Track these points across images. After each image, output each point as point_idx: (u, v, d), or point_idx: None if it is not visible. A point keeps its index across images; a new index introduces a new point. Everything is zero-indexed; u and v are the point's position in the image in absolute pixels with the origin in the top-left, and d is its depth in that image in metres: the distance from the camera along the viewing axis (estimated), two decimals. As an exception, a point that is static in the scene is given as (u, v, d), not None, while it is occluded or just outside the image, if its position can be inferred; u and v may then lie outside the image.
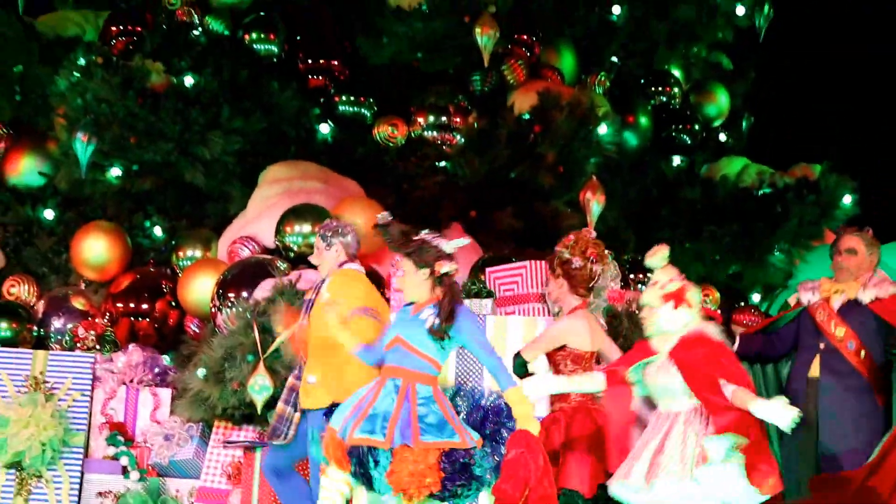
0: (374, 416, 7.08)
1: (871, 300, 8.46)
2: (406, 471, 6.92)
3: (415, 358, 7.23)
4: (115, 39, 14.76)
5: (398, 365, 7.23)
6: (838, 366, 8.44)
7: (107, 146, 13.17)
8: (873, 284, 8.54)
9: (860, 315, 8.48)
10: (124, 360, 10.95)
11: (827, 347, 8.47)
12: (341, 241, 8.54)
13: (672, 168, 16.07)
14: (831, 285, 8.69)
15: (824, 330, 8.49)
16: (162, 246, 13.59)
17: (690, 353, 7.42)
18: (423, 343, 7.23)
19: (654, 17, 16.35)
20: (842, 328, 8.45)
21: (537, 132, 14.01)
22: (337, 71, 14.93)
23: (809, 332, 8.61)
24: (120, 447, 10.44)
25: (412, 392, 7.16)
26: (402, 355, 7.23)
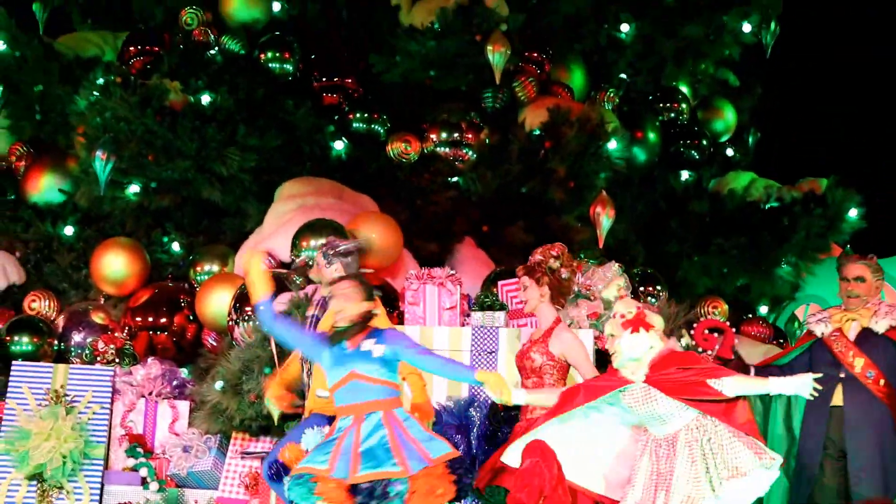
0: (370, 451, 7.01)
1: (886, 329, 8.48)
2: (423, 489, 6.88)
3: (379, 388, 7.18)
4: (133, 59, 14.78)
5: (365, 400, 7.16)
6: (859, 394, 8.47)
7: (125, 164, 13.19)
8: (885, 313, 8.57)
9: (877, 345, 8.53)
10: (143, 374, 10.94)
11: (847, 377, 8.48)
12: (342, 262, 8.46)
13: (680, 182, 16.02)
14: (842, 314, 8.71)
15: (843, 360, 8.51)
16: (180, 261, 13.57)
17: (667, 372, 7.38)
18: (380, 371, 7.19)
19: (661, 35, 16.33)
20: (860, 359, 8.49)
21: (548, 148, 14.00)
22: (351, 89, 14.94)
23: (827, 363, 8.56)
24: (139, 459, 10.43)
25: (394, 419, 7.12)
26: (364, 390, 7.17)
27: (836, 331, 8.63)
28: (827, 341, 8.65)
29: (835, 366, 8.52)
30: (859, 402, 8.47)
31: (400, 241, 12.49)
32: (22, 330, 12.19)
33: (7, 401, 10.47)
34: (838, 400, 8.49)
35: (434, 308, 10.44)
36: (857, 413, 8.47)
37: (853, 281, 8.68)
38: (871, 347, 8.51)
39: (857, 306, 8.64)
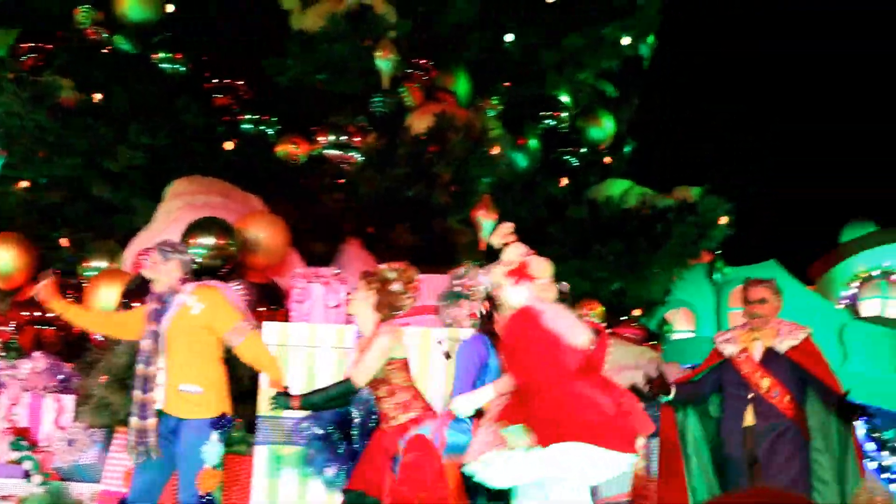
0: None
1: (787, 349, 8.70)
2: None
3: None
4: (25, 56, 14.49)
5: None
6: (768, 412, 8.66)
7: (16, 159, 12.92)
8: (787, 332, 8.81)
9: (780, 365, 8.73)
10: (29, 367, 10.70)
11: (756, 397, 8.69)
12: (179, 259, 8.26)
13: (560, 189, 16.10)
14: (747, 334, 8.92)
15: (751, 381, 8.73)
16: (69, 256, 13.31)
17: (507, 333, 7.36)
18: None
19: (543, 46, 16.39)
20: (766, 379, 8.74)
21: (433, 152, 13.96)
22: (241, 90, 14.79)
23: (736, 384, 8.80)
24: (23, 452, 10.17)
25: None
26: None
27: (743, 351, 8.85)
28: (735, 362, 8.88)
29: (743, 386, 8.74)
30: (768, 419, 8.69)
31: (287, 240, 12.37)
32: None
33: None
34: (749, 420, 8.71)
35: (320, 306, 10.34)
36: (768, 431, 8.67)
37: (756, 303, 8.89)
38: (776, 367, 8.77)
39: (761, 326, 8.84)
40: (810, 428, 8.70)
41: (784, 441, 8.62)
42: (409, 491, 7.11)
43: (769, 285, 8.90)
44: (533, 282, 7.36)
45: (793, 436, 8.62)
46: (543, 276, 7.41)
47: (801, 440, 8.64)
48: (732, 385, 8.78)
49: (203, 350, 7.83)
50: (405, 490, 7.12)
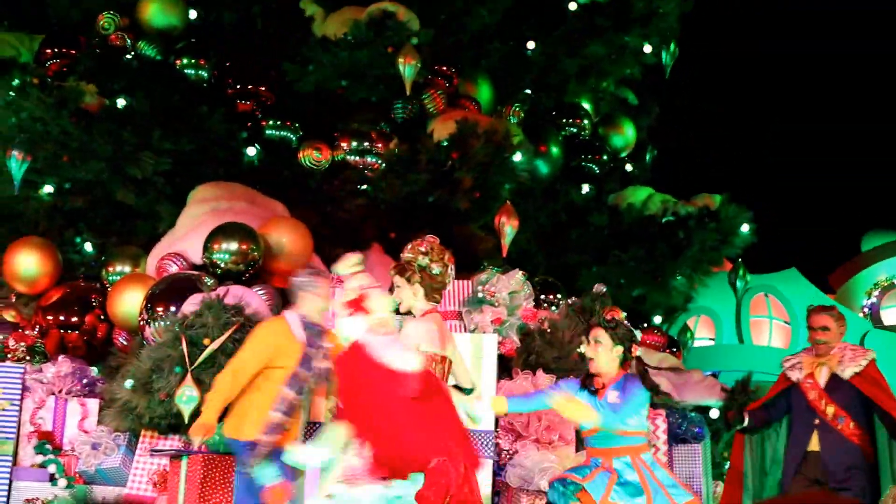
0: (624, 483, 7.29)
1: (851, 375, 8.95)
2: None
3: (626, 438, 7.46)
4: (49, 61, 14.57)
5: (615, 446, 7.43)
6: (833, 438, 9.02)
7: (40, 164, 12.97)
8: (849, 360, 9.15)
9: (845, 391, 9.07)
10: (53, 371, 10.74)
11: (821, 423, 9.05)
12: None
13: (581, 195, 16.11)
14: (812, 360, 9.29)
15: (817, 408, 9.02)
16: (92, 261, 13.36)
17: (340, 371, 7.49)
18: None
19: (565, 54, 16.40)
20: (831, 407, 9.15)
21: (455, 158, 13.97)
22: (264, 96, 14.83)
23: (804, 409, 9.16)
24: (48, 455, 10.22)
25: (642, 462, 7.38)
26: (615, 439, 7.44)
27: (809, 376, 9.15)
28: (802, 387, 9.18)
29: (809, 412, 9.03)
30: (832, 443, 9.03)
31: (310, 246, 12.39)
32: (-68, 326, 11.93)
33: (-84, 396, 10.23)
34: (814, 445, 9.03)
35: (343, 311, 10.35)
36: (834, 456, 8.98)
37: (819, 330, 9.22)
38: (841, 394, 9.09)
39: (825, 352, 9.18)
40: (876, 451, 8.97)
41: (847, 463, 8.97)
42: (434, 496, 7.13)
43: (831, 312, 9.27)
44: (368, 315, 7.33)
45: (857, 458, 8.97)
46: (380, 311, 7.37)
47: (863, 459, 8.99)
48: (800, 410, 9.16)
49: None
50: (430, 495, 7.13)
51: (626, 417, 7.39)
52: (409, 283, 7.81)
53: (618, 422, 7.38)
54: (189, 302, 10.41)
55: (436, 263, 7.83)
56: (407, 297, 7.82)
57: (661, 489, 7.27)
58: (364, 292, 7.43)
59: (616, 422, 7.39)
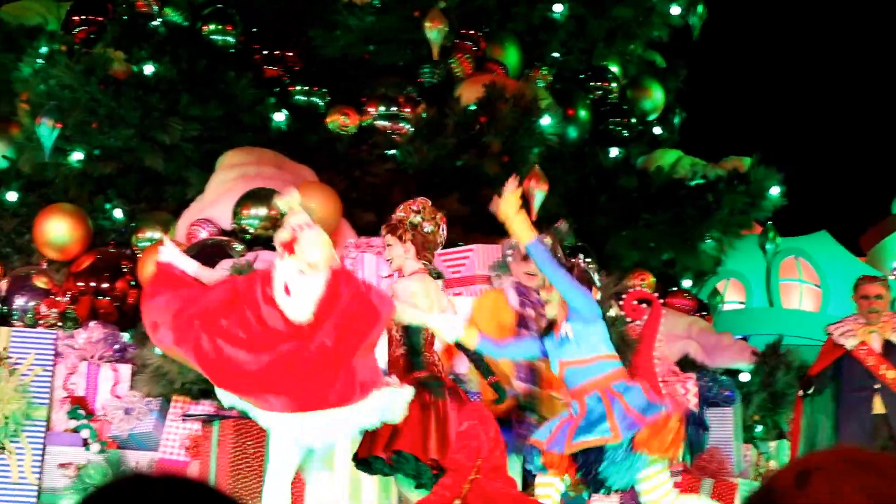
0: (587, 422, 7.04)
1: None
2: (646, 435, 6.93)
3: (592, 366, 7.16)
4: (77, 29, 14.59)
5: (580, 383, 7.15)
6: (894, 400, 9.38)
7: (69, 131, 13.00)
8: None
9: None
10: (85, 337, 10.80)
11: (883, 388, 9.41)
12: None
13: (609, 159, 16.06)
14: (863, 327, 9.63)
15: (875, 373, 9.39)
16: (122, 227, 13.41)
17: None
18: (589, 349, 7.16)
19: (592, 16, 16.34)
20: (892, 371, 9.43)
21: (483, 123, 13.96)
22: (291, 62, 14.83)
23: (861, 375, 9.51)
24: (81, 420, 10.28)
25: (611, 392, 7.08)
26: (582, 372, 7.14)
27: (863, 344, 9.47)
28: (856, 354, 9.54)
29: (868, 377, 9.29)
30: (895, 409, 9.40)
31: (339, 210, 12.42)
32: (-35, 293, 12.00)
33: (-51, 362, 10.29)
34: (879, 408, 9.39)
35: (372, 276, 10.40)
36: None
37: (874, 299, 9.58)
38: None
39: (877, 320, 9.52)
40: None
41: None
42: (466, 458, 7.15)
43: (883, 282, 9.76)
44: (295, 256, 7.11)
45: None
46: (313, 255, 7.12)
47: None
48: (852, 377, 9.49)
49: None
50: (461, 458, 7.15)
51: (580, 341, 7.17)
52: (400, 241, 7.74)
53: (573, 349, 7.16)
54: (219, 267, 10.45)
55: (428, 222, 7.78)
56: (398, 254, 7.76)
57: (628, 411, 7.03)
58: (299, 234, 7.19)
59: (570, 352, 7.17)
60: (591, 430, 6.97)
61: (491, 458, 7.17)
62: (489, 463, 7.15)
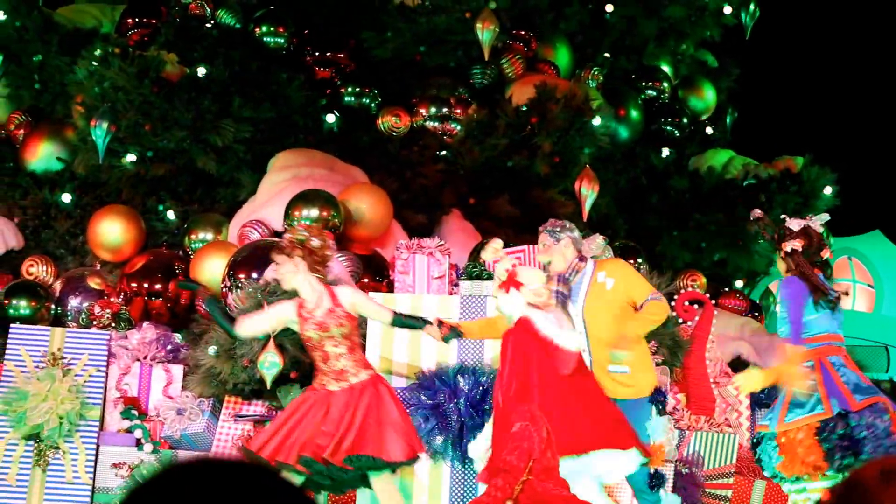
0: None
1: None
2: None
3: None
4: (130, 31, 14.68)
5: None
6: None
7: (123, 133, 13.05)
8: None
9: None
10: (138, 338, 10.81)
11: None
12: (570, 236, 8.25)
13: (661, 159, 15.96)
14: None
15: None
16: (175, 229, 13.44)
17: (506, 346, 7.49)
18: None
19: (644, 16, 16.25)
20: None
21: (534, 123, 13.91)
22: (343, 63, 14.83)
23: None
24: (134, 420, 10.30)
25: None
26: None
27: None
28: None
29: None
30: None
31: (390, 211, 12.39)
32: (20, 294, 12.05)
33: (5, 363, 10.32)
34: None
35: (423, 277, 10.34)
36: None
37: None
38: None
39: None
40: None
41: None
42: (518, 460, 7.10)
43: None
44: (522, 289, 7.37)
45: None
46: (533, 283, 7.40)
47: None
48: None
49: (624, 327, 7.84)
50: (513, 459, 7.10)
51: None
52: (289, 258, 7.77)
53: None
54: (271, 269, 10.44)
55: (314, 237, 7.82)
56: (288, 271, 7.77)
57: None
58: (513, 269, 7.47)
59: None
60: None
61: (543, 460, 7.10)
62: (541, 464, 7.08)
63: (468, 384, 9.11)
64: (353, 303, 7.72)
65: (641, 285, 7.95)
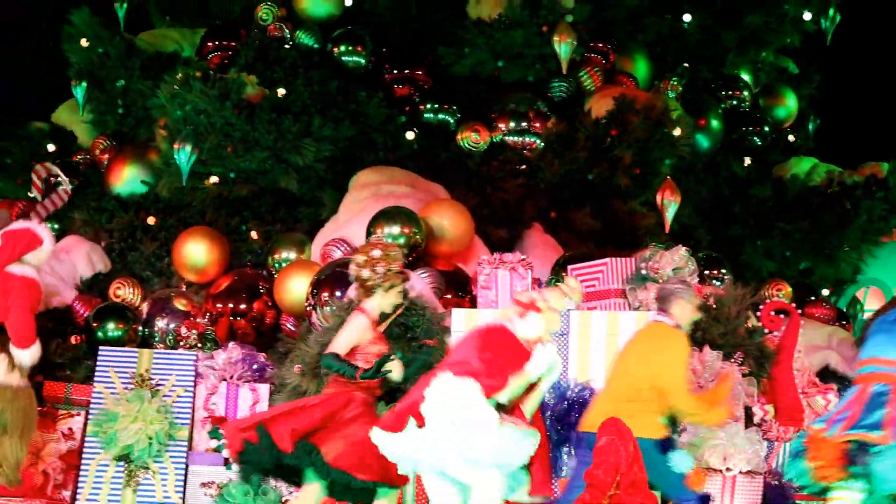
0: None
1: None
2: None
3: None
4: (211, 54, 14.86)
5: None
6: None
7: (206, 155, 13.18)
8: None
9: None
10: (224, 358, 10.91)
11: None
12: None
13: (743, 168, 15.84)
14: None
15: None
16: (258, 249, 13.55)
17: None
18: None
19: (722, 25, 16.17)
20: None
21: (614, 135, 13.87)
22: (421, 80, 14.88)
23: None
24: (222, 440, 10.38)
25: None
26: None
27: None
28: None
29: None
30: None
31: (471, 227, 12.41)
32: (109, 317, 12.19)
33: (95, 384, 10.47)
34: None
35: (506, 292, 10.35)
36: None
37: None
38: None
39: None
40: None
41: None
42: (605, 474, 7.09)
43: None
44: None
45: None
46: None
47: None
48: None
49: None
50: (600, 474, 7.10)
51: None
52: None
53: None
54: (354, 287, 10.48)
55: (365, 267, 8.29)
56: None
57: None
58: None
59: None
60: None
61: (629, 474, 7.09)
62: (628, 478, 7.07)
63: (553, 398, 9.10)
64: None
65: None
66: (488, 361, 7.03)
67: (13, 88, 18.99)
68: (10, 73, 19.27)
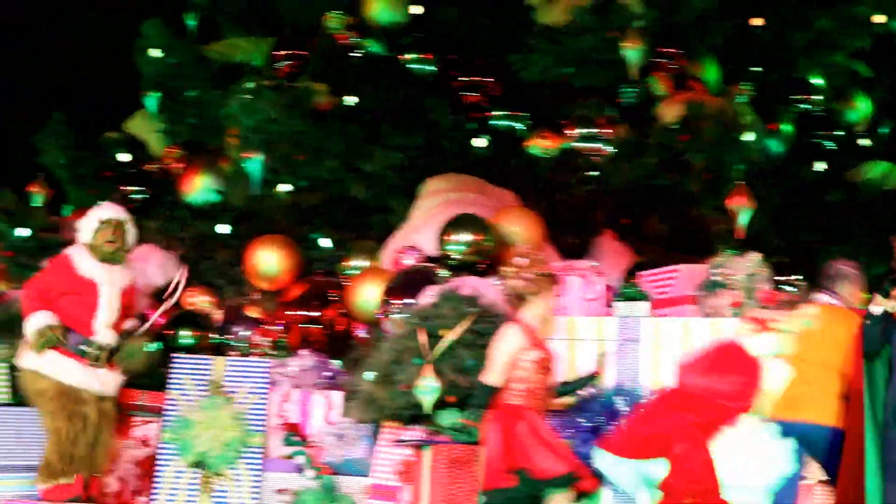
0: None
1: None
2: None
3: None
4: (280, 63, 14.95)
5: None
6: None
7: (276, 164, 13.31)
8: None
9: None
10: (297, 365, 11.00)
11: None
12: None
13: (815, 173, 15.71)
14: None
15: None
16: (330, 256, 13.63)
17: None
18: None
19: (793, 28, 16.05)
20: None
21: (684, 141, 13.82)
22: (490, 87, 14.92)
23: None
24: (296, 447, 10.48)
25: None
26: None
27: None
28: None
29: None
30: None
31: (542, 234, 12.42)
32: (183, 324, 12.34)
33: (169, 392, 10.60)
34: None
35: (578, 299, 10.35)
36: None
37: None
38: None
39: None
40: None
41: None
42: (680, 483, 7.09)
43: None
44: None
45: None
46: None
47: None
48: None
49: None
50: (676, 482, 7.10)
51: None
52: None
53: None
54: (425, 294, 10.54)
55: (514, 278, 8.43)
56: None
57: None
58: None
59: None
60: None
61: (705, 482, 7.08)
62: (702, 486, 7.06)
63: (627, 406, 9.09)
64: None
65: None
66: (734, 384, 7.28)
67: (86, 99, 19.24)
68: (83, 83, 19.55)
